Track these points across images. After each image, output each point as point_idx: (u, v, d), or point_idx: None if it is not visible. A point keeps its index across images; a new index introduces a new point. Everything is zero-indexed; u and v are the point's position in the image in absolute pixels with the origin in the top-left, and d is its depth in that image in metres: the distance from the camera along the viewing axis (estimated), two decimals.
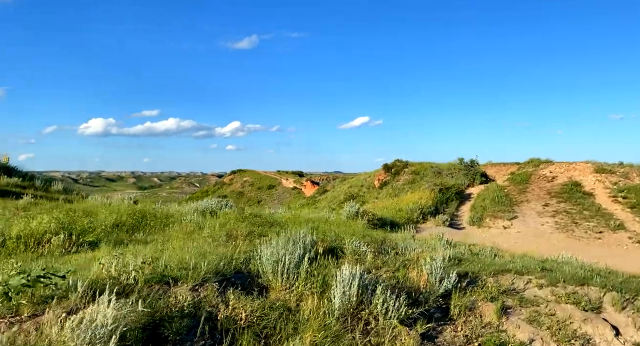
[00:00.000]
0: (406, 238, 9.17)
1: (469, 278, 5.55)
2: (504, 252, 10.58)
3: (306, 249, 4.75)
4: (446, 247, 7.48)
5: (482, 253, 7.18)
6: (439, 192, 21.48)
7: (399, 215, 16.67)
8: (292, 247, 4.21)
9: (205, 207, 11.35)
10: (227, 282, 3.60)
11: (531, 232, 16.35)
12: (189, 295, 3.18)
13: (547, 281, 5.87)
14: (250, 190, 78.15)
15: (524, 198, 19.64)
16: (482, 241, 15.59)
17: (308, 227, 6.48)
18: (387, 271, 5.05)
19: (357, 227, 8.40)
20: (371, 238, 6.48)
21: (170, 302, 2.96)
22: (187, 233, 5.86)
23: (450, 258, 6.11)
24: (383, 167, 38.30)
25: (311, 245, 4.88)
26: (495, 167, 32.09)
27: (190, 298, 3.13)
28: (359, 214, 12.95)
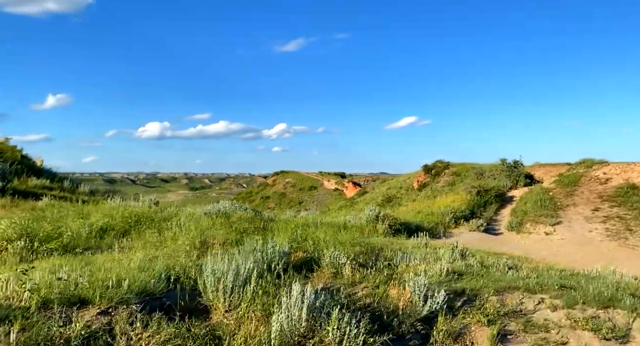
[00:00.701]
0: (419, 245, 8.45)
1: (466, 296, 4.83)
2: (534, 262, 9.55)
3: (270, 262, 4.27)
4: (455, 257, 6.72)
5: (495, 266, 6.37)
6: (477, 195, 20.21)
7: (428, 219, 15.76)
8: (244, 261, 3.73)
9: (218, 209, 11.17)
10: (155, 303, 3.19)
11: (577, 239, 14.89)
12: (95, 321, 2.80)
13: (563, 301, 5.02)
14: (292, 191, 78.59)
15: (570, 202, 18.01)
16: (519, 248, 14.37)
17: (296, 233, 5.99)
18: (365, 287, 4.46)
19: (354, 234, 7.78)
20: (364, 248, 5.89)
21: (61, 332, 2.58)
22: (162, 240, 5.54)
23: (450, 272, 5.40)
24: (423, 168, 36.98)
25: (280, 257, 4.38)
26: (544, 168, 30.03)
27: (95, 325, 2.74)
28: (379, 218, 12.27)
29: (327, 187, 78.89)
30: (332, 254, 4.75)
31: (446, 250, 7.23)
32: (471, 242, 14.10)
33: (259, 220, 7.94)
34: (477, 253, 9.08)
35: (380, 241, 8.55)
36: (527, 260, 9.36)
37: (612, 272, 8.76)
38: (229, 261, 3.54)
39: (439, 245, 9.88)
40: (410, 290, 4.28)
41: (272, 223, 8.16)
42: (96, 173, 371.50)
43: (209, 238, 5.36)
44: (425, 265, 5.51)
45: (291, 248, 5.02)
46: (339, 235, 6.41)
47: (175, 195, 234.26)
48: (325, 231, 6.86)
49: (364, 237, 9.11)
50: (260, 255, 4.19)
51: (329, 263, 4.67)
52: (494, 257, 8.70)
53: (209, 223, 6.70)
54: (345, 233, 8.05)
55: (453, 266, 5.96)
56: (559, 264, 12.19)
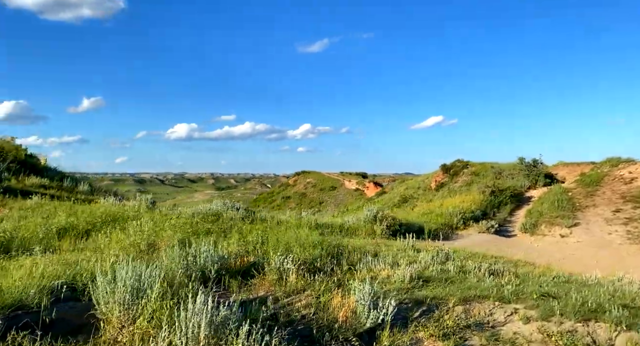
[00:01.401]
0: (404, 248, 7.96)
1: (426, 306, 4.36)
2: (536, 266, 8.89)
3: (202, 268, 3.91)
4: (435, 261, 6.22)
5: (475, 271, 5.84)
6: (491, 195, 19.38)
7: (436, 220, 15.13)
8: (156, 267, 3.39)
9: (209, 210, 10.93)
10: (24, 318, 2.86)
11: (594, 242, 13.97)
12: None
13: (538, 312, 4.48)
14: (312, 192, 78.39)
15: (590, 202, 17.00)
16: (530, 251, 13.59)
17: (257, 236, 5.62)
18: (308, 296, 4.06)
19: (331, 235, 7.33)
20: (328, 250, 5.47)
21: None
22: (108, 242, 5.27)
23: (416, 278, 4.92)
24: (441, 168, 36.04)
25: (213, 262, 4.00)
26: (568, 167, 28.72)
27: None
28: (377, 219, 11.80)
29: (347, 187, 78.33)
30: (279, 259, 4.35)
31: (427, 254, 6.73)
32: (479, 244, 13.43)
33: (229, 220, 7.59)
34: (471, 257, 8.52)
35: (362, 243, 8.11)
36: (528, 264, 8.73)
37: (618, 278, 8.05)
38: (136, 267, 3.20)
39: (435, 247, 9.34)
40: (354, 299, 3.86)
41: (247, 224, 7.83)
42: (127, 173, 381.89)
43: (158, 240, 5.09)
44: (391, 270, 5.06)
45: (239, 252, 4.67)
46: (310, 236, 6.02)
47: (202, 195, 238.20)
48: (296, 233, 6.48)
49: (345, 238, 8.69)
50: (192, 260, 3.85)
51: (274, 269, 4.29)
52: (487, 260, 8.12)
53: (170, 224, 6.39)
54: (318, 234, 7.63)
55: (425, 271, 5.48)
56: (569, 269, 11.42)
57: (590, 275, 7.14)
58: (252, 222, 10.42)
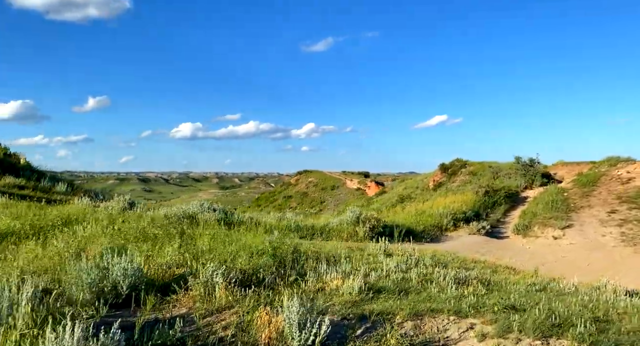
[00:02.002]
0: (376, 253, 7.59)
1: (369, 322, 3.99)
2: (517, 271, 8.49)
3: (115, 282, 3.55)
4: (398, 268, 5.85)
5: (438, 279, 5.46)
6: (485, 195, 18.95)
7: (425, 221, 14.74)
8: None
9: (183, 212, 10.60)
10: None
11: (587, 244, 13.53)
12: None
13: (496, 328, 4.10)
14: (314, 191, 78.07)
15: (585, 203, 16.53)
16: (522, 253, 13.20)
17: (204, 241, 5.28)
18: (233, 314, 3.70)
19: (259, 240, 6.95)
20: (279, 259, 5.10)
21: None
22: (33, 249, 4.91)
23: (366, 290, 4.55)
24: (440, 167, 35.62)
25: (127, 276, 3.61)
26: (567, 166, 28.18)
27: None
28: (360, 220, 11.43)
29: (349, 187, 77.95)
30: (208, 270, 3.98)
31: (393, 260, 6.36)
32: (467, 246, 13.05)
33: (177, 224, 7.20)
34: (450, 262, 8.13)
35: (334, 246, 7.75)
36: (508, 270, 8.32)
37: (602, 285, 7.65)
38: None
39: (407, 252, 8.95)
40: (281, 317, 3.50)
41: (207, 228, 7.47)
42: (132, 172, 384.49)
43: (88, 249, 4.74)
44: (342, 280, 4.69)
45: (172, 262, 4.31)
46: (265, 242, 5.67)
47: (206, 194, 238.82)
48: (254, 237, 6.14)
49: (322, 241, 8.34)
50: (99, 273, 3.48)
51: (200, 283, 3.92)
52: (466, 265, 7.73)
53: (114, 229, 5.99)
54: (297, 237, 7.27)
55: (380, 281, 5.11)
56: (559, 272, 11.00)
57: (568, 282, 6.74)
58: (228, 224, 10.09)
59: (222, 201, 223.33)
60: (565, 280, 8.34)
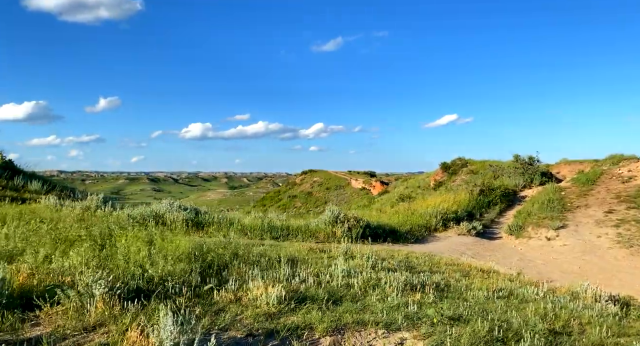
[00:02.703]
0: (335, 255, 7.17)
1: (279, 340, 3.54)
2: (489, 275, 7.98)
3: None
4: (345, 273, 5.42)
5: (385, 285, 5.03)
6: (480, 194, 18.40)
7: (412, 220, 14.26)
8: None
9: (150, 211, 10.28)
10: None
11: (580, 246, 12.94)
12: None
13: (427, 344, 3.67)
14: (318, 191, 77.72)
15: (582, 202, 15.90)
16: (511, 255, 12.66)
17: (129, 244, 4.91)
18: (105, 334, 3.26)
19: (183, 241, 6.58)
20: (206, 263, 4.71)
21: None
22: None
23: (288, 299, 4.12)
24: (441, 166, 34.98)
25: None
26: (570, 165, 27.46)
27: None
28: (338, 220, 11.01)
29: (354, 187, 77.50)
30: (88, 279, 3.55)
31: (350, 262, 5.95)
32: (453, 248, 12.55)
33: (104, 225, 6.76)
34: (419, 264, 7.68)
35: (297, 249, 7.36)
36: (481, 273, 7.82)
37: (583, 290, 7.16)
38: None
39: (396, 252, 8.51)
40: (156, 334, 3.06)
41: (151, 229, 7.09)
42: (142, 172, 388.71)
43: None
44: (265, 288, 4.27)
45: (61, 268, 3.92)
46: (196, 244, 5.28)
47: (215, 194, 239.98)
48: (180, 239, 5.73)
49: (289, 242, 7.94)
50: None
51: (74, 294, 3.49)
52: (439, 268, 7.27)
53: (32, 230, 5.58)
54: (270, 238, 6.88)
55: (313, 288, 4.69)
56: (547, 275, 10.49)
57: (545, 287, 6.26)
58: (197, 225, 9.76)
59: (230, 201, 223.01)
60: (545, 284, 7.86)
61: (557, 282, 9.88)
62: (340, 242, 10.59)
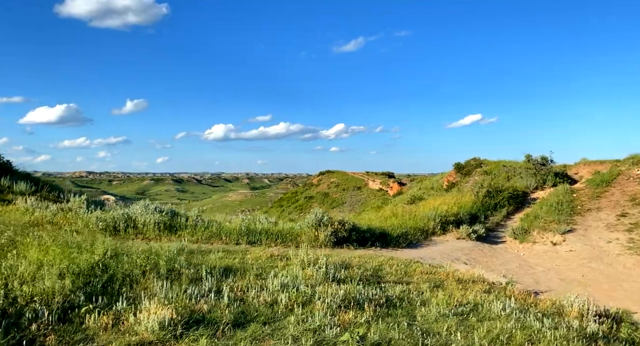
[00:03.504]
0: (297, 262, 6.70)
1: None
2: (465, 285, 7.35)
3: None
4: (287, 286, 4.95)
5: (320, 300, 4.53)
6: (486, 196, 17.59)
7: (408, 224, 13.64)
8: None
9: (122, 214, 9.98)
10: None
11: (587, 252, 12.08)
12: None
13: None
14: (335, 192, 77.18)
15: (594, 205, 14.95)
16: (511, 261, 11.92)
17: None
18: None
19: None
20: (106, 277, 4.31)
21: None
22: None
23: (174, 324, 3.62)
24: (455, 167, 33.99)
25: None
26: (590, 165, 26.12)
27: None
28: (322, 224, 10.54)
29: (371, 187, 76.66)
30: None
31: (303, 272, 5.48)
32: (447, 253, 11.90)
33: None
34: (390, 274, 7.15)
35: (259, 256, 6.92)
36: (457, 284, 7.20)
37: (569, 303, 6.50)
38: None
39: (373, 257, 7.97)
40: None
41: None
42: (167, 173, 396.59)
43: None
44: (157, 309, 3.76)
45: None
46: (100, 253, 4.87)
47: (236, 195, 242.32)
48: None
49: (251, 247, 7.52)
50: None
51: None
52: (411, 277, 6.72)
53: None
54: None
55: (219, 309, 4.19)
56: (545, 285, 9.77)
57: (511, 300, 5.63)
58: (170, 228, 9.44)
59: (251, 201, 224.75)
60: (531, 296, 7.23)
61: (553, 292, 9.15)
62: (322, 246, 10.16)
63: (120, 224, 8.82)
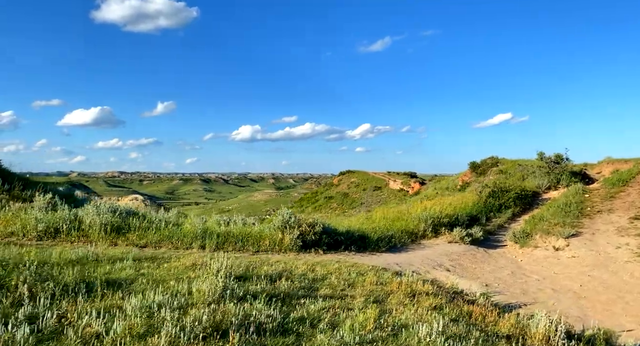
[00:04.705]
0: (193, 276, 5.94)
1: None
2: (418, 301, 6.41)
3: None
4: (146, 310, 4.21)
5: (168, 324, 3.76)
6: (490, 196, 16.38)
7: (396, 226, 12.71)
8: None
9: (71, 214, 9.44)
10: None
11: (592, 259, 10.82)
12: None
13: None
14: (355, 192, 76.10)
15: (606, 206, 13.56)
16: (504, 268, 10.81)
17: None
18: None
19: None
20: None
21: None
22: None
23: None
24: (470, 166, 32.57)
25: None
26: (614, 164, 24.38)
27: None
28: (288, 225, 9.78)
29: (392, 187, 75.20)
30: None
31: (201, 287, 4.74)
32: (434, 258, 10.91)
33: None
34: (324, 287, 6.31)
35: (170, 266, 6.22)
36: (409, 297, 6.27)
37: (536, 322, 5.51)
38: None
39: (331, 262, 7.15)
40: None
41: None
42: (195, 173, 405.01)
43: None
44: None
45: None
46: None
47: (261, 195, 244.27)
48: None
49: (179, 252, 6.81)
50: None
51: None
52: (359, 290, 5.86)
53: None
54: None
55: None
56: (533, 296, 8.69)
57: (437, 323, 4.69)
58: (117, 230, 8.84)
59: (275, 201, 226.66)
60: (493, 314, 6.24)
61: (538, 305, 8.07)
62: (286, 251, 9.39)
63: (63, 226, 8.30)
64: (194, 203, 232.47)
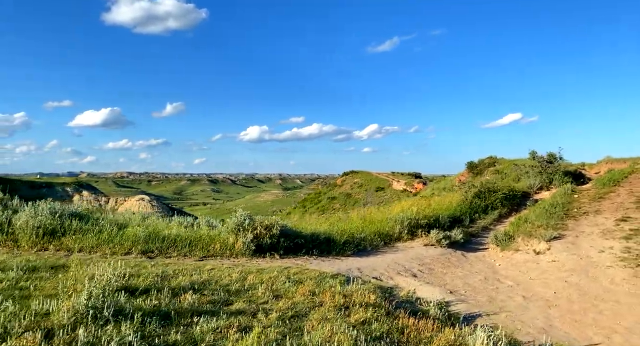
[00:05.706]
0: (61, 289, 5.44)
1: None
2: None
3: None
4: None
5: None
6: (477, 197, 15.71)
7: (369, 228, 12.13)
8: None
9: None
10: None
11: (572, 263, 10.13)
12: None
13: None
14: (358, 192, 75.47)
15: (593, 207, 12.83)
16: (477, 274, 10.17)
17: None
18: None
19: None
20: None
21: None
22: None
23: None
24: (467, 166, 31.82)
25: None
26: (612, 164, 23.54)
27: None
28: (242, 228, 9.25)
29: (395, 188, 74.49)
30: None
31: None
32: (403, 262, 10.32)
33: None
34: (231, 299, 5.77)
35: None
36: (333, 309, 5.70)
37: (473, 341, 4.93)
38: None
39: (234, 274, 6.60)
40: None
41: None
42: (203, 174, 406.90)
43: None
44: None
45: None
46: None
47: (268, 195, 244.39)
48: None
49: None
50: None
51: None
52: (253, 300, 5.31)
53: None
54: None
55: None
56: (500, 304, 8.05)
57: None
58: (52, 233, 8.34)
59: (282, 201, 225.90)
60: (432, 329, 5.65)
61: (501, 315, 7.43)
62: (237, 256, 8.86)
63: None
64: (202, 203, 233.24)
